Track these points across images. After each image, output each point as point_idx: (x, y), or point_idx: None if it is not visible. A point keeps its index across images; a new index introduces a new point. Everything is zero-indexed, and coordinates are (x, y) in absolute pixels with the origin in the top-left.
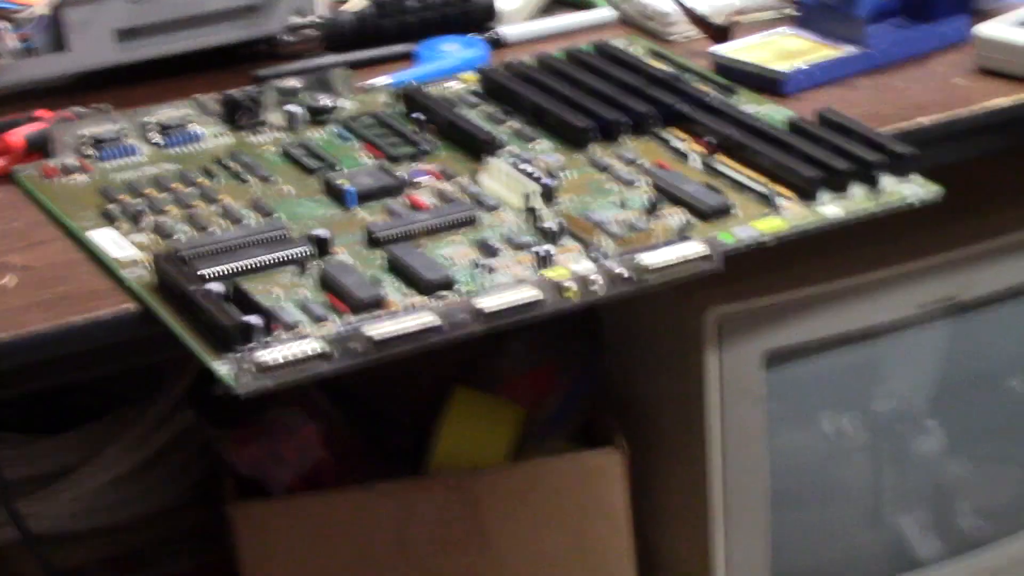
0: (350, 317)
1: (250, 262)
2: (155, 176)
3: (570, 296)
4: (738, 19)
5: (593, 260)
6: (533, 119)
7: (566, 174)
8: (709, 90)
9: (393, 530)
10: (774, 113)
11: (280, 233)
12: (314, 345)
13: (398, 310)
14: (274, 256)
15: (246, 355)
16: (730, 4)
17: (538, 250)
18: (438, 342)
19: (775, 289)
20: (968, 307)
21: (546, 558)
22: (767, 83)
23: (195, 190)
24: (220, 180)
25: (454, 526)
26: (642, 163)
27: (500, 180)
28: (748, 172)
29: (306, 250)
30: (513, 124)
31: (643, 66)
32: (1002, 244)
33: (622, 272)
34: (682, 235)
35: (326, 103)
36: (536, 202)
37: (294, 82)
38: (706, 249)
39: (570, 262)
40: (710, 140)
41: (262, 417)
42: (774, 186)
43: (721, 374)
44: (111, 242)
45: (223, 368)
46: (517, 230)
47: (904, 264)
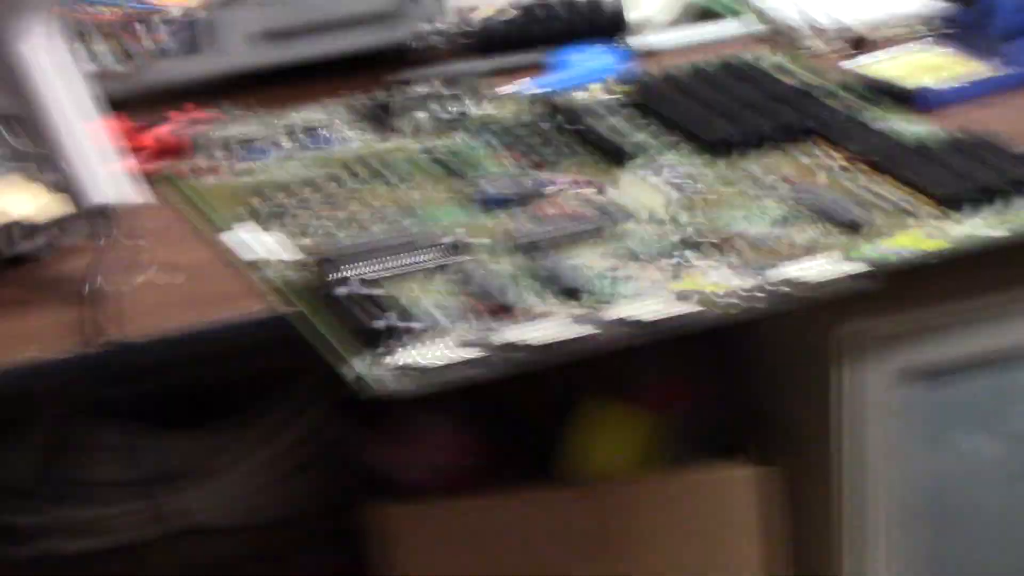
0: (490, 322)
1: (391, 264)
2: (300, 177)
3: (709, 308)
4: (875, 32)
5: (734, 272)
6: (672, 128)
7: (708, 185)
8: (848, 103)
9: (526, 538)
10: (915, 128)
11: (423, 237)
12: (456, 349)
13: (537, 316)
14: (415, 259)
15: (387, 357)
16: (868, 18)
17: (676, 260)
18: (581, 351)
19: (909, 306)
20: None
21: (677, 570)
22: (905, 97)
23: (336, 192)
24: (361, 182)
25: (586, 536)
26: (781, 175)
27: (638, 189)
28: (890, 186)
29: (448, 255)
30: (652, 133)
31: (781, 78)
32: None
33: (761, 285)
34: (825, 250)
35: (465, 108)
36: (674, 212)
37: (435, 87)
38: (850, 264)
39: (710, 274)
40: (851, 153)
41: (402, 420)
42: (919, 201)
43: (853, 392)
44: (256, 242)
45: (365, 369)
46: (655, 239)
47: None
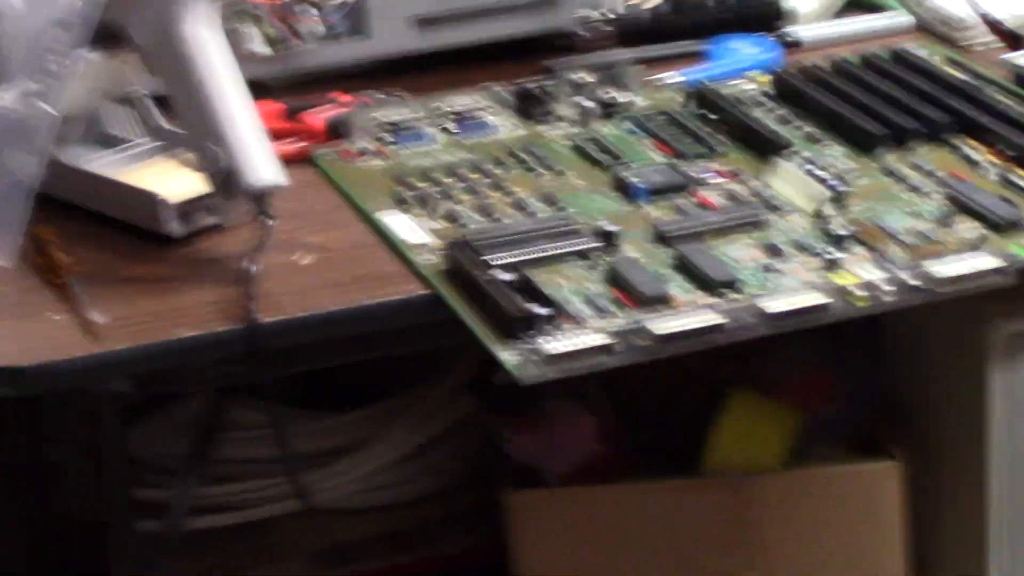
0: (635, 312)
1: (538, 253)
2: (447, 163)
3: (858, 303)
4: None
5: (882, 268)
6: (825, 122)
7: (857, 180)
8: (1005, 99)
9: (662, 528)
10: None
11: (568, 225)
12: (598, 338)
13: (683, 308)
14: (562, 248)
15: (531, 344)
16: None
17: (826, 255)
18: (722, 341)
19: None
20: None
21: (815, 566)
22: None
23: (486, 179)
24: (511, 170)
25: (724, 528)
26: (935, 172)
27: (789, 183)
28: None
29: (593, 243)
30: (804, 127)
31: (938, 72)
32: None
33: (912, 282)
34: (975, 247)
35: (617, 98)
36: (826, 207)
37: (586, 76)
38: (1000, 262)
39: (859, 269)
40: (1006, 151)
41: (541, 407)
42: None
43: (1009, 390)
44: (403, 226)
45: (508, 356)
46: (805, 234)
47: None
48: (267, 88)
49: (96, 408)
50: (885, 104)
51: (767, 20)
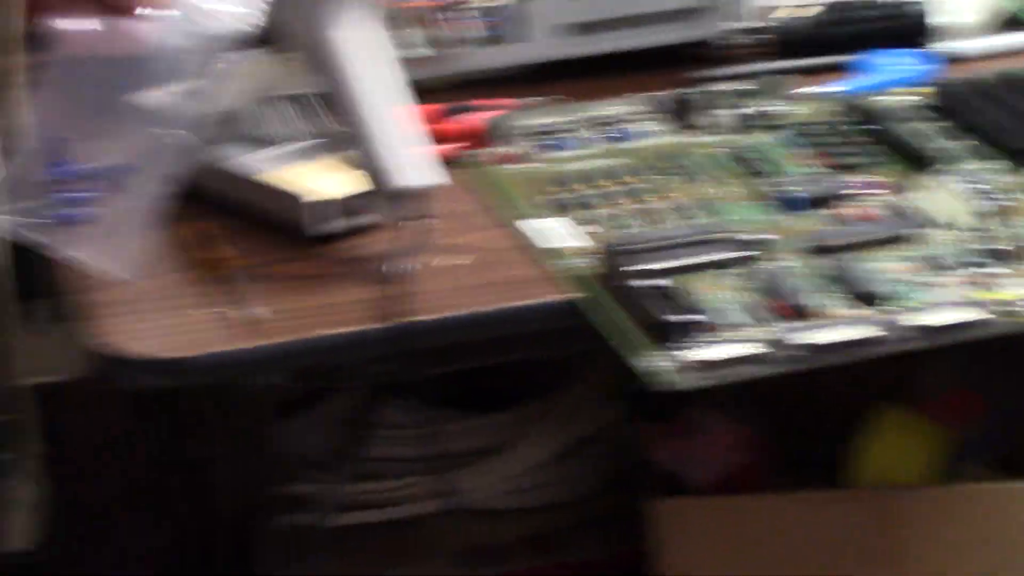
0: (788, 322)
1: (691, 260)
2: (601, 169)
3: (1007, 318)
4: None
5: None
6: (983, 137)
7: (1008, 193)
8: None
9: (805, 540)
10: None
11: (722, 234)
12: (749, 347)
13: (836, 319)
14: (715, 256)
15: (682, 352)
16: None
17: (976, 268)
18: (876, 354)
19: None
20: None
21: None
22: None
23: (640, 186)
24: (665, 177)
25: (868, 542)
26: None
27: (946, 197)
28: None
29: (747, 253)
30: (954, 139)
31: None
32: None
33: None
34: None
35: (771, 108)
36: (976, 220)
37: (740, 85)
38: None
39: (1008, 283)
40: None
41: (687, 415)
42: None
43: None
44: (556, 231)
45: (658, 363)
46: (962, 249)
47: None
48: (426, 90)
49: (249, 402)
50: None
51: (920, 34)
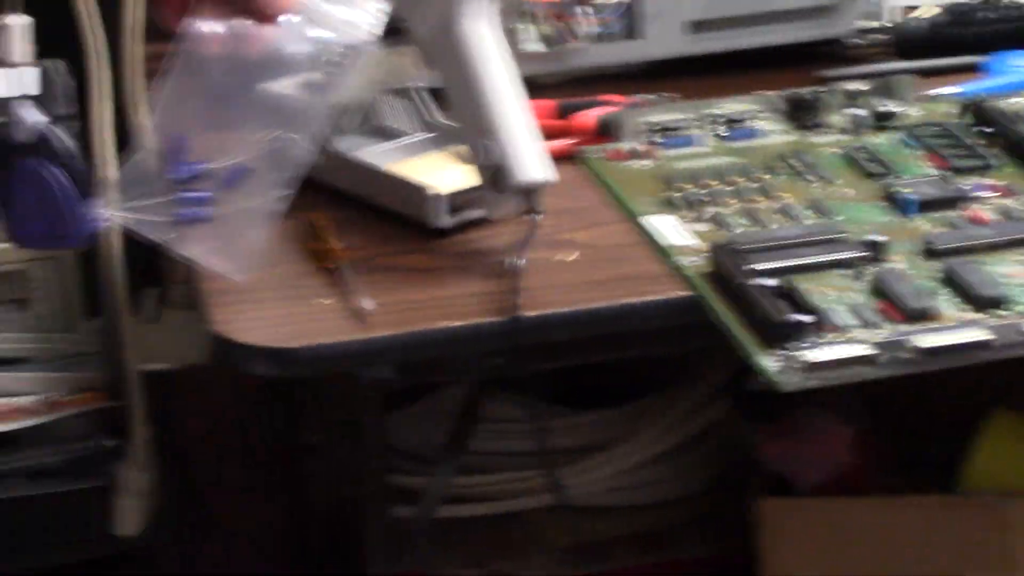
0: (900, 325)
1: (804, 261)
2: (716, 168)
3: None
4: None
5: None
6: None
7: None
8: None
9: (913, 545)
10: None
11: (836, 235)
12: (860, 349)
13: (949, 323)
14: (828, 257)
15: (793, 352)
16: None
17: None
18: (987, 358)
19: None
20: None
21: None
22: None
23: (754, 185)
24: (779, 177)
25: (980, 548)
26: None
27: None
28: None
29: (861, 254)
30: None
31: None
32: None
33: None
34: None
35: (890, 109)
36: None
37: (859, 85)
38: None
39: None
40: None
41: (796, 416)
42: None
43: None
44: (669, 229)
45: (769, 363)
46: None
47: None
48: (540, 86)
49: (358, 393)
50: None
51: None
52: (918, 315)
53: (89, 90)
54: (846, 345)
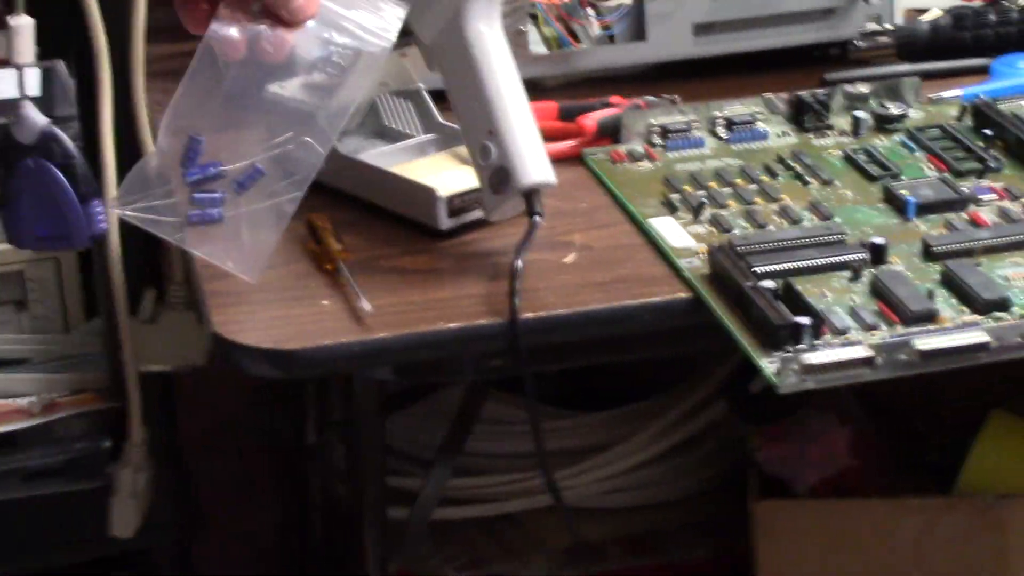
0: (900, 327)
1: (804, 263)
2: (718, 170)
3: None
4: None
5: None
6: None
7: None
8: None
9: (912, 546)
10: None
11: (836, 237)
12: (859, 351)
13: (949, 325)
14: (828, 259)
15: (793, 355)
16: None
17: None
18: (986, 360)
19: None
20: None
21: None
22: None
23: (755, 187)
24: (781, 179)
25: (977, 549)
26: None
27: None
28: None
29: (861, 257)
30: None
31: None
32: None
33: None
34: None
35: (894, 111)
36: None
37: (863, 88)
38: None
39: None
40: None
41: (794, 417)
42: None
43: None
44: (670, 230)
45: (768, 365)
46: None
47: None
48: (543, 88)
49: (357, 394)
50: None
51: None
52: (918, 317)
53: (93, 90)
54: (845, 347)
